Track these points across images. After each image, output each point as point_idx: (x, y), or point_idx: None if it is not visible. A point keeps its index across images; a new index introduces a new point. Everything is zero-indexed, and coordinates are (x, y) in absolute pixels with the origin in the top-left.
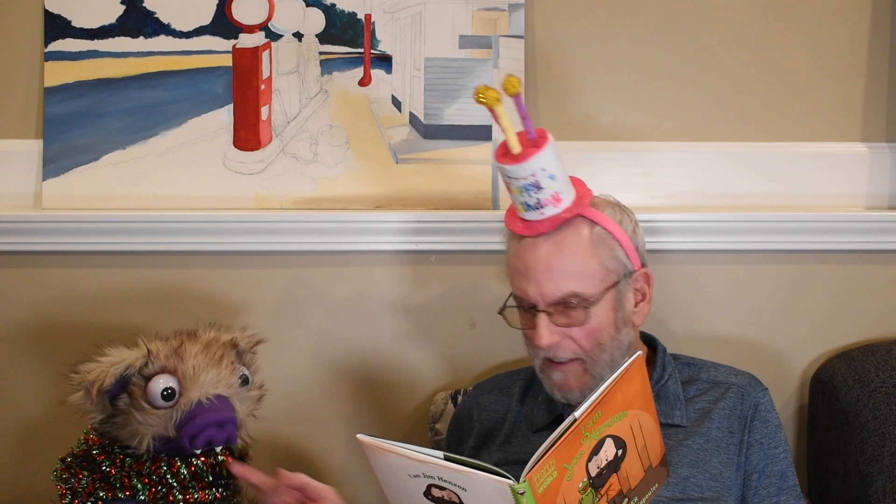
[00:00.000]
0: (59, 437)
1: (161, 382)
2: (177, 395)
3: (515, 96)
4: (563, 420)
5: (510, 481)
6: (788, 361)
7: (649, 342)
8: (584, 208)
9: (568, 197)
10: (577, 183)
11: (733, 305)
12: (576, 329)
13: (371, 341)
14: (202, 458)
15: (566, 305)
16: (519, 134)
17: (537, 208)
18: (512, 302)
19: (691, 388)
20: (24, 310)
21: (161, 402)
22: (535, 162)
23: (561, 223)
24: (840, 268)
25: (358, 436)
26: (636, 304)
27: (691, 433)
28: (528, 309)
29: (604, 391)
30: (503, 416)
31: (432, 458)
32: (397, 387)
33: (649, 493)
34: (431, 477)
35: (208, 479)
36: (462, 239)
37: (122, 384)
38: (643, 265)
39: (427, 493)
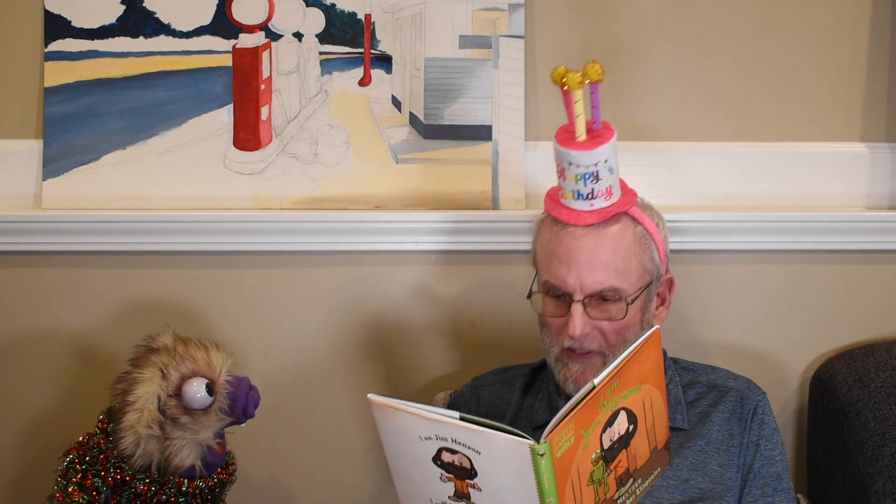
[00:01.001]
0: (61, 435)
1: (196, 387)
2: (212, 389)
3: (594, 83)
4: None
5: (530, 442)
6: (788, 362)
7: None
8: (631, 207)
9: (617, 192)
10: (625, 183)
11: (733, 305)
12: (606, 322)
13: (370, 341)
14: (191, 484)
15: (602, 299)
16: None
17: (588, 199)
18: (536, 287)
19: (691, 391)
20: (25, 310)
21: (207, 402)
22: (601, 152)
23: (609, 217)
24: (840, 268)
25: (369, 395)
26: (657, 308)
27: (692, 436)
28: (560, 297)
29: (622, 361)
30: (503, 411)
31: (448, 419)
32: (397, 387)
33: (652, 477)
34: (444, 439)
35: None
36: (462, 239)
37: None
38: (667, 270)
39: (436, 459)
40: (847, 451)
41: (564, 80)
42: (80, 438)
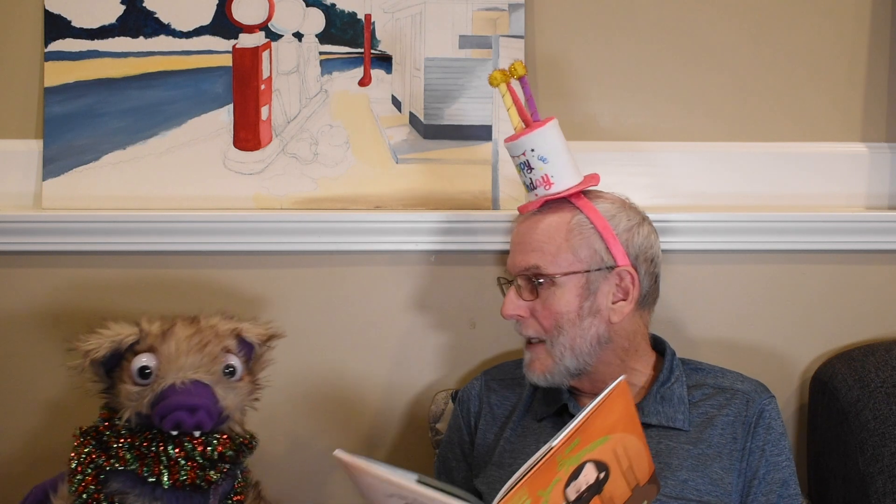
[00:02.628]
0: (63, 434)
1: (141, 360)
2: (153, 375)
3: (521, 78)
4: (567, 410)
5: None
6: (788, 361)
7: (659, 345)
8: (574, 195)
9: (562, 182)
10: (589, 177)
11: (733, 306)
12: (539, 308)
13: (371, 341)
14: (194, 441)
15: (528, 279)
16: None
17: (532, 189)
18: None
19: (697, 392)
20: (25, 310)
21: (138, 379)
22: (524, 142)
23: (544, 204)
24: (840, 268)
25: (335, 452)
26: (615, 302)
27: (693, 437)
28: (510, 282)
29: (582, 420)
30: (514, 405)
31: (406, 483)
32: (397, 386)
33: None
34: (406, 499)
35: (199, 460)
36: (462, 239)
37: (117, 358)
38: (634, 266)
39: None
40: (847, 451)
41: (490, 79)
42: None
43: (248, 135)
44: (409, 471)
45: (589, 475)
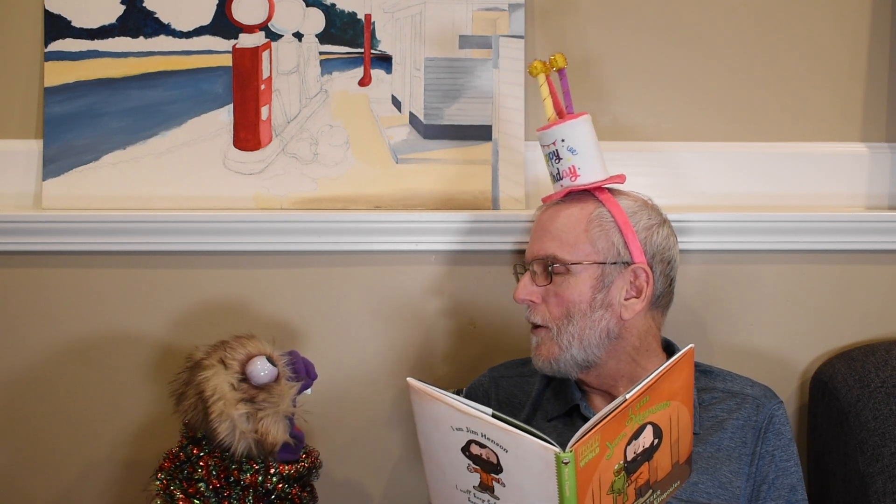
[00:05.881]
0: (63, 436)
1: (259, 364)
2: (273, 361)
3: (560, 70)
4: (578, 411)
5: (556, 449)
6: (788, 361)
7: (668, 347)
8: (597, 188)
9: (588, 175)
10: (616, 176)
11: (733, 305)
12: (551, 295)
13: (371, 341)
14: (290, 467)
15: (544, 266)
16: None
17: (558, 179)
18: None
19: (706, 395)
20: (24, 310)
21: (273, 373)
22: (555, 132)
23: (568, 193)
24: (840, 268)
25: (408, 379)
26: (627, 298)
27: (703, 440)
28: (526, 269)
29: (656, 376)
30: (522, 402)
31: (480, 414)
32: (397, 386)
33: (671, 489)
34: (475, 433)
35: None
36: (462, 239)
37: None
38: (650, 265)
39: (465, 450)
40: (847, 451)
41: (530, 69)
42: (168, 453)
43: (248, 135)
44: (480, 405)
45: (647, 438)
